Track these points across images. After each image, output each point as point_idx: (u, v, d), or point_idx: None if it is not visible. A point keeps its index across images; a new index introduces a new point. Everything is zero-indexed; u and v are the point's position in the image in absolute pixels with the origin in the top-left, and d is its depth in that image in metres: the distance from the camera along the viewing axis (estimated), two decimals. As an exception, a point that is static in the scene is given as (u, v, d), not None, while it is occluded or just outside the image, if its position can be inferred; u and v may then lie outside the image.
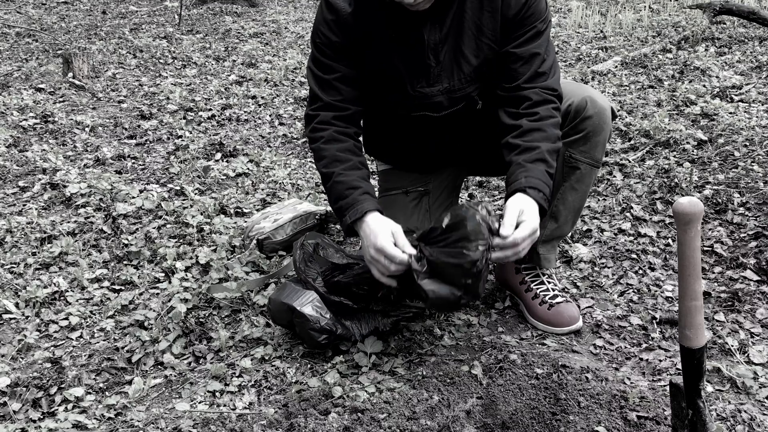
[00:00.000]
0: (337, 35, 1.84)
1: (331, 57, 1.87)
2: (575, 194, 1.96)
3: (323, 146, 1.87)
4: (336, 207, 1.85)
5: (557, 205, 1.97)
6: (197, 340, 2.02)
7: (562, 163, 1.92)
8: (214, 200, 2.88)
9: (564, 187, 1.95)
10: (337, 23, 1.83)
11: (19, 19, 7.50)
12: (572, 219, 2.02)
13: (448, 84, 1.88)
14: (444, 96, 1.89)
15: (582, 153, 1.91)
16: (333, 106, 1.89)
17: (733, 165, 2.79)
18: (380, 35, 1.83)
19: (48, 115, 4.07)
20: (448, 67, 1.86)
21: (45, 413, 1.73)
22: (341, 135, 1.89)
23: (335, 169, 1.84)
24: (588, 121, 1.88)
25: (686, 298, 1.22)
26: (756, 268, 2.15)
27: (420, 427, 1.58)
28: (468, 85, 1.89)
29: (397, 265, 1.69)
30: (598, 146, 1.91)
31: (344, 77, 1.88)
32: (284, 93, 4.61)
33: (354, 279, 1.88)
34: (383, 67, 1.87)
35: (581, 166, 1.92)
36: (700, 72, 4.07)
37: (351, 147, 1.89)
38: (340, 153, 1.86)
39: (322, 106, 1.90)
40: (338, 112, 1.89)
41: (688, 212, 1.17)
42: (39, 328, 2.11)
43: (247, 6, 8.06)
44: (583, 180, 1.95)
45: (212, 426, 1.64)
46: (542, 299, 2.01)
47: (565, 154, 1.91)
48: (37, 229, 2.68)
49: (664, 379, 1.73)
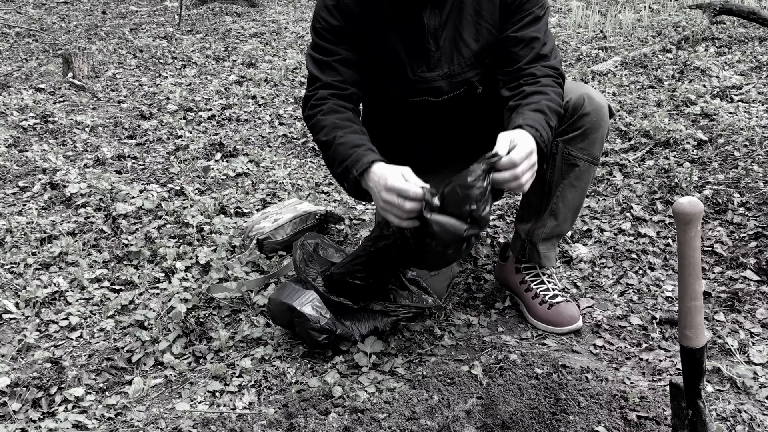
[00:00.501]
0: (338, 19, 1.87)
1: (331, 41, 1.89)
2: (574, 191, 1.96)
3: (322, 117, 1.84)
4: (340, 170, 1.76)
5: (557, 202, 1.97)
6: (197, 340, 2.02)
7: (561, 161, 1.92)
8: (214, 200, 2.88)
9: (563, 185, 1.95)
10: (338, 8, 1.86)
11: (19, 19, 7.50)
12: (572, 217, 2.02)
13: (448, 69, 1.89)
14: (444, 81, 1.90)
15: (580, 150, 1.92)
16: (331, 86, 1.89)
17: (733, 165, 2.79)
18: (381, 20, 1.85)
19: (48, 115, 4.07)
20: (448, 52, 1.88)
21: (45, 413, 1.73)
22: (340, 107, 1.87)
23: (336, 133, 1.79)
24: (585, 118, 1.89)
25: (686, 298, 1.22)
26: (756, 268, 2.15)
27: (420, 427, 1.58)
28: (468, 70, 1.91)
29: (412, 201, 1.60)
30: (596, 143, 1.92)
31: (344, 59, 1.88)
32: (284, 93, 4.61)
33: (346, 268, 1.87)
34: (384, 52, 1.89)
35: (580, 163, 1.93)
36: (700, 72, 4.07)
37: (350, 116, 1.86)
38: (339, 121, 1.82)
39: (320, 85, 1.89)
40: (336, 90, 1.89)
41: (688, 212, 1.17)
42: (39, 328, 2.11)
43: (247, 6, 8.06)
44: (582, 177, 1.95)
45: (212, 426, 1.64)
46: (542, 299, 2.01)
47: (564, 151, 1.91)
48: (37, 229, 2.68)
49: (664, 379, 1.73)
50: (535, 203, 2.00)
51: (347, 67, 1.89)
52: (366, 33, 1.88)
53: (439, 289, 2.06)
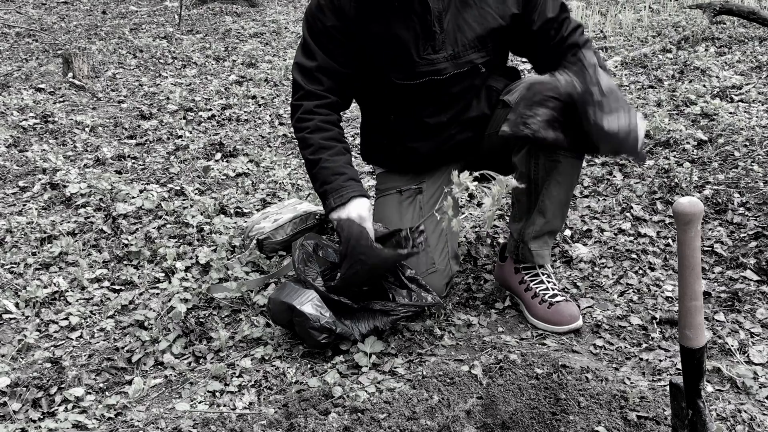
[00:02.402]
0: (330, 18, 1.95)
1: (319, 43, 1.98)
2: (559, 188, 1.96)
3: (308, 135, 1.98)
4: (320, 191, 1.96)
5: (543, 200, 1.98)
6: (197, 340, 2.02)
7: (544, 159, 1.92)
8: (214, 200, 2.88)
9: (548, 182, 1.95)
10: (332, 7, 1.94)
11: (19, 19, 7.51)
12: (560, 213, 2.02)
13: (452, 50, 1.99)
14: (448, 62, 2.00)
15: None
16: (315, 95, 2.00)
17: (733, 165, 2.79)
18: (382, 8, 1.93)
19: (48, 115, 4.08)
20: (452, 34, 1.98)
21: (45, 413, 1.73)
22: (326, 123, 2.00)
23: (322, 155, 1.95)
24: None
25: (686, 298, 1.22)
26: (756, 268, 2.15)
27: (420, 427, 1.58)
28: (471, 52, 2.00)
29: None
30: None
31: (329, 68, 1.99)
32: (284, 93, 4.61)
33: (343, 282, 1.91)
34: (388, 39, 1.97)
35: (562, 159, 1.92)
36: (700, 72, 4.07)
37: (336, 135, 2.01)
38: (324, 141, 1.97)
39: (303, 94, 2.01)
40: (320, 100, 2.00)
41: (688, 212, 1.17)
42: (39, 328, 2.11)
43: (247, 6, 8.06)
44: (566, 172, 1.95)
45: (212, 426, 1.64)
46: (542, 298, 2.01)
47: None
48: (37, 229, 2.68)
49: (664, 379, 1.73)
50: (523, 202, 2.01)
51: (331, 76, 2.00)
52: (366, 26, 1.94)
53: (438, 286, 2.06)
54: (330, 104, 2.02)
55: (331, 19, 1.95)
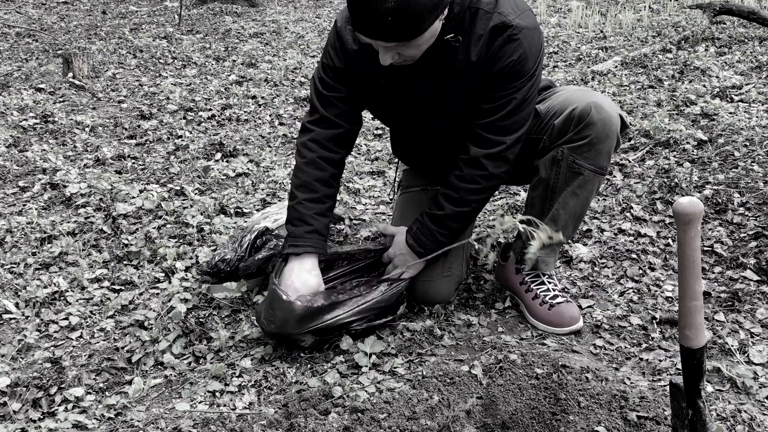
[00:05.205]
0: (340, 62, 1.94)
1: (333, 78, 1.97)
2: (576, 200, 1.95)
3: (303, 167, 2.00)
4: (286, 227, 2.02)
5: (558, 209, 1.96)
6: (197, 340, 2.02)
7: (566, 168, 1.92)
8: (214, 200, 2.88)
9: (566, 192, 1.94)
10: (343, 51, 1.92)
11: (19, 19, 7.51)
12: (573, 224, 2.00)
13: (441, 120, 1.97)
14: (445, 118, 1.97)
15: (586, 159, 1.90)
16: (328, 121, 1.99)
17: (733, 165, 2.79)
18: (376, 81, 1.92)
19: (48, 115, 4.07)
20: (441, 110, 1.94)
21: (45, 413, 1.73)
22: (324, 161, 2.00)
23: (300, 195, 1.99)
24: (591, 128, 1.86)
25: (686, 298, 1.22)
26: (756, 268, 2.15)
27: (420, 427, 1.58)
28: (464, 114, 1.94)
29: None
30: (603, 154, 1.90)
31: (343, 97, 1.98)
32: (284, 93, 4.61)
33: None
34: (381, 106, 2.02)
35: (584, 172, 1.91)
36: (700, 72, 4.07)
37: (325, 178, 2.00)
38: (311, 181, 1.98)
39: (318, 119, 2.00)
40: (332, 129, 1.99)
41: (688, 212, 1.17)
42: (39, 328, 2.11)
43: (247, 6, 8.06)
44: (586, 186, 1.93)
45: (212, 426, 1.64)
46: (542, 299, 2.01)
47: (569, 158, 1.90)
48: (37, 229, 2.68)
49: (664, 379, 1.73)
50: (537, 206, 2.00)
51: (345, 104, 1.99)
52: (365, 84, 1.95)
53: (447, 291, 2.07)
54: (339, 136, 2.01)
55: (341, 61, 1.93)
